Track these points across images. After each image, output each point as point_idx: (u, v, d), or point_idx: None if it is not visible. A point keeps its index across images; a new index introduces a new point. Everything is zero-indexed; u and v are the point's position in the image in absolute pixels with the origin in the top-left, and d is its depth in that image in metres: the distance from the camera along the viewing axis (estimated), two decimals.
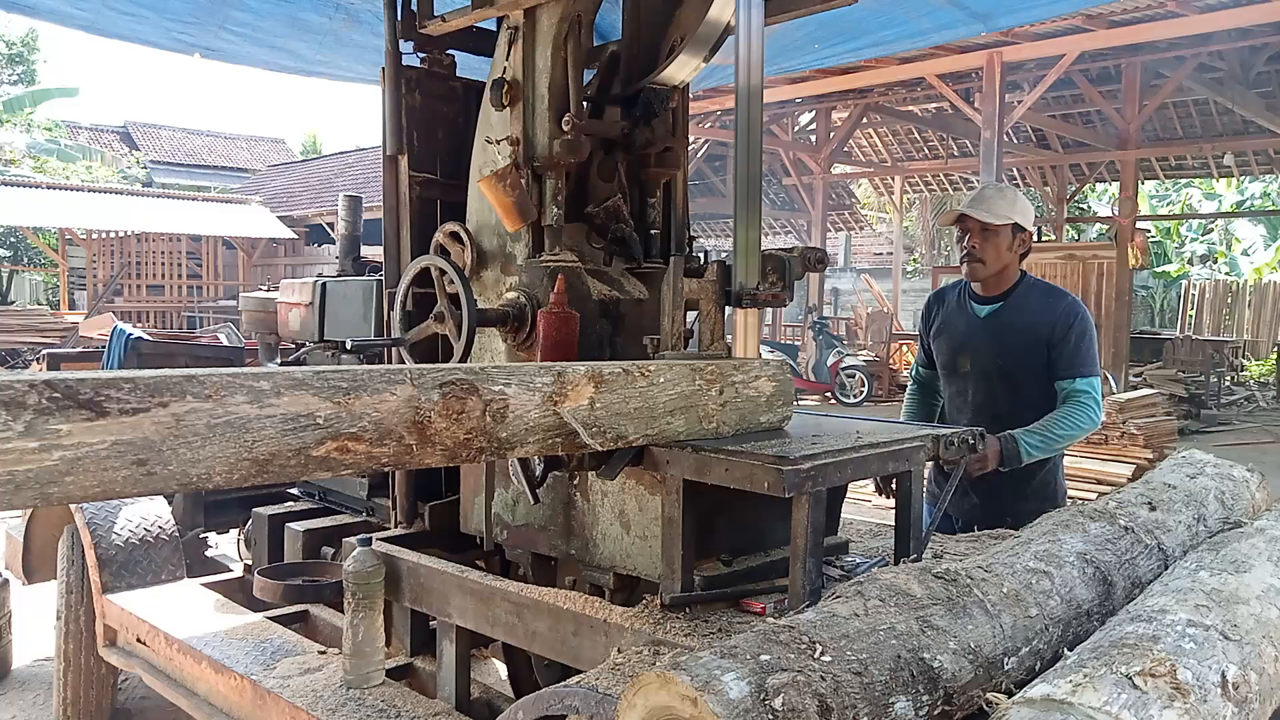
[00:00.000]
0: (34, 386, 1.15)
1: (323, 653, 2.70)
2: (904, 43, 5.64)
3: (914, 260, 23.70)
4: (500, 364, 1.81)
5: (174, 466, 1.26)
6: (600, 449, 1.79)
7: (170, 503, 3.60)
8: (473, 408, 1.54)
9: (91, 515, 3.30)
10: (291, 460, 1.35)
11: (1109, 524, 1.86)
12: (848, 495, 2.58)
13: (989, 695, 1.35)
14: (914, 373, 3.43)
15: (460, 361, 2.39)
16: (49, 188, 19.86)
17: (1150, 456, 7.26)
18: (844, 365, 13.26)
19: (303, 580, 2.90)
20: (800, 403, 11.55)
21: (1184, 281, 20.89)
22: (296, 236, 22.00)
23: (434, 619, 2.55)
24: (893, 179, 19.17)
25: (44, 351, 4.30)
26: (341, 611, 2.58)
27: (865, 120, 16.82)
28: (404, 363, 2.61)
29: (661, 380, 1.87)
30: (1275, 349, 16.67)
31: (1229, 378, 14.59)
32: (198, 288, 21.96)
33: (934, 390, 3.32)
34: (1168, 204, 24.08)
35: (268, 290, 4.09)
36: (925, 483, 2.73)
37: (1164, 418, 8.14)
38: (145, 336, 4.13)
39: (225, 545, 4.29)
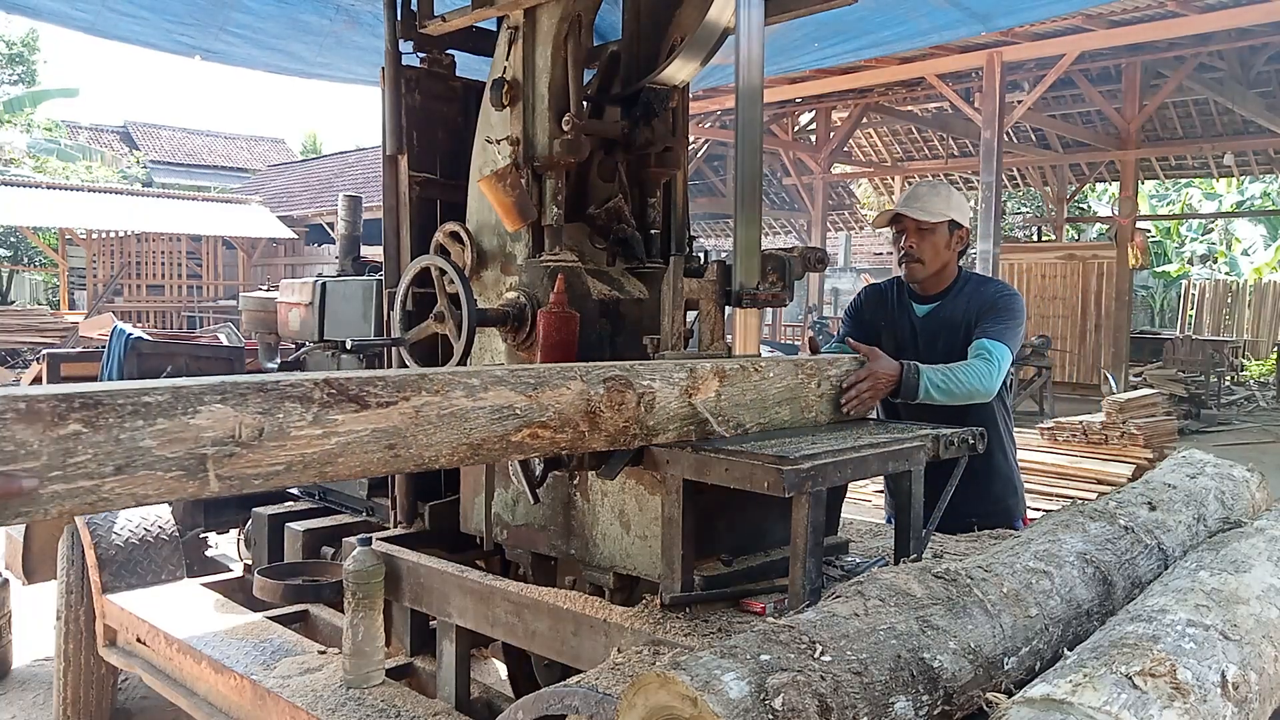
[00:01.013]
0: (317, 385, 1.42)
1: (323, 653, 2.70)
2: (903, 43, 5.65)
3: None
4: (642, 361, 1.99)
5: (414, 450, 1.52)
6: (726, 435, 1.99)
7: (170, 502, 3.60)
8: (629, 399, 1.81)
9: (91, 515, 3.30)
10: (496, 444, 1.62)
11: (1109, 524, 1.86)
12: (848, 495, 2.58)
13: (989, 695, 1.35)
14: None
15: (460, 362, 2.39)
16: (49, 188, 19.84)
17: (1150, 456, 7.25)
18: None
19: (303, 580, 2.90)
20: None
21: (1184, 281, 20.88)
22: (296, 236, 22.01)
23: (434, 619, 2.55)
24: (893, 179, 19.15)
25: (44, 351, 4.29)
26: (341, 611, 2.58)
27: (865, 120, 16.82)
28: (404, 363, 2.61)
29: (771, 375, 2.12)
30: (1275, 349, 16.65)
31: (1229, 378, 14.58)
32: (198, 288, 21.96)
33: None
34: (1168, 204, 24.06)
35: (268, 290, 4.08)
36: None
37: (1164, 418, 8.14)
38: (145, 336, 4.12)
39: (225, 545, 4.29)
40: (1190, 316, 19.27)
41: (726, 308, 2.39)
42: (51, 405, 1.21)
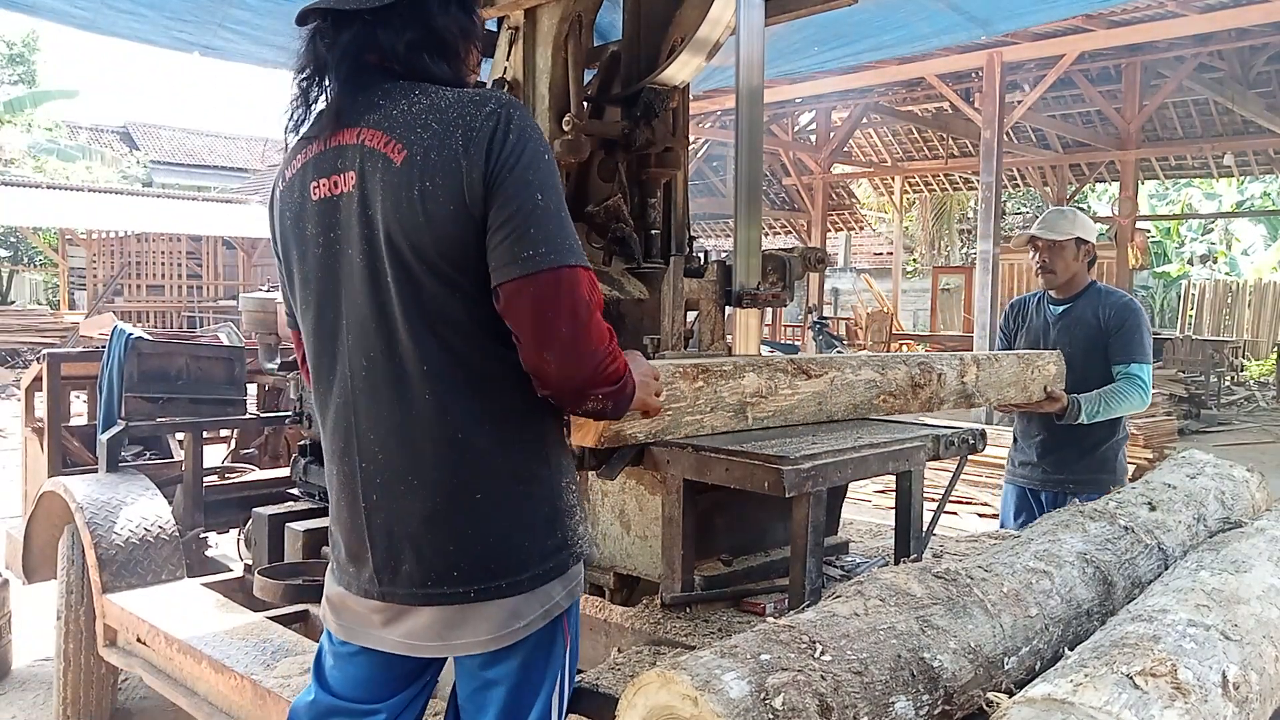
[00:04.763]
0: (790, 362, 2.20)
1: None
2: (903, 47, 5.65)
3: (914, 260, 23.64)
4: (935, 353, 2.70)
5: (827, 406, 2.25)
6: (980, 404, 2.79)
7: (170, 503, 3.60)
8: (933, 377, 2.53)
9: (92, 515, 3.29)
10: (864, 405, 2.35)
11: (1109, 524, 1.86)
12: (848, 495, 2.59)
13: (989, 695, 1.35)
14: None
15: None
16: (49, 188, 19.84)
17: (1150, 456, 7.25)
18: None
19: (303, 580, 2.89)
20: None
21: (1184, 281, 20.85)
22: None
23: None
24: (893, 179, 19.14)
25: (44, 352, 4.29)
26: None
27: (865, 120, 16.82)
28: None
29: (1004, 363, 2.86)
30: (1275, 349, 16.64)
31: (1229, 378, 14.56)
32: (198, 288, 21.94)
33: None
34: (1168, 204, 24.05)
35: (268, 290, 4.08)
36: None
37: (1164, 418, 8.13)
38: (145, 336, 4.12)
39: (225, 545, 4.29)
40: (1190, 316, 19.23)
41: (726, 308, 2.39)
42: (691, 370, 1.96)
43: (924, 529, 2.18)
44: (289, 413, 3.72)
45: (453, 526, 1.49)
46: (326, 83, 1.57)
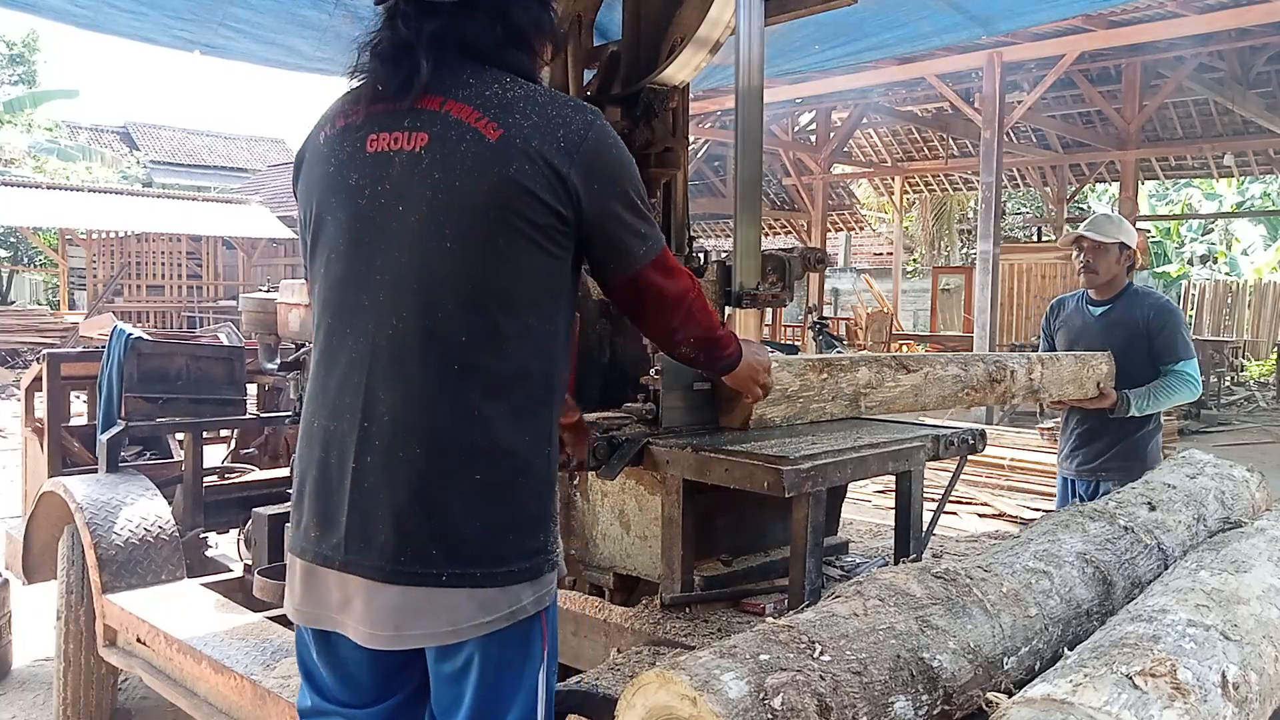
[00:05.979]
0: (893, 358, 2.54)
1: None
2: (904, 46, 5.64)
3: (914, 260, 23.61)
4: (1006, 354, 3.04)
5: (921, 398, 2.57)
6: (1044, 399, 3.22)
7: (170, 503, 3.60)
8: (1005, 375, 2.84)
9: (92, 515, 3.29)
10: (950, 398, 2.68)
11: (1109, 524, 1.86)
12: (848, 495, 2.59)
13: (989, 695, 1.35)
14: None
15: None
16: (49, 188, 19.83)
17: None
18: None
19: None
20: None
21: (1184, 281, 20.84)
22: (296, 236, 21.94)
23: None
24: (893, 179, 19.14)
25: (44, 352, 4.28)
26: None
27: (865, 120, 16.81)
28: None
29: (1064, 362, 3.22)
30: (1275, 349, 16.63)
31: (1229, 378, 14.55)
32: (198, 288, 21.94)
33: None
34: (1168, 204, 24.04)
35: (268, 290, 4.08)
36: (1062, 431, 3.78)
37: (1164, 418, 8.12)
38: (145, 337, 4.11)
39: (225, 545, 4.29)
40: (1190, 317, 19.22)
41: (726, 308, 2.39)
42: (817, 364, 2.31)
43: (924, 529, 2.18)
44: (289, 413, 3.72)
45: (444, 502, 1.47)
46: (409, 56, 1.54)
